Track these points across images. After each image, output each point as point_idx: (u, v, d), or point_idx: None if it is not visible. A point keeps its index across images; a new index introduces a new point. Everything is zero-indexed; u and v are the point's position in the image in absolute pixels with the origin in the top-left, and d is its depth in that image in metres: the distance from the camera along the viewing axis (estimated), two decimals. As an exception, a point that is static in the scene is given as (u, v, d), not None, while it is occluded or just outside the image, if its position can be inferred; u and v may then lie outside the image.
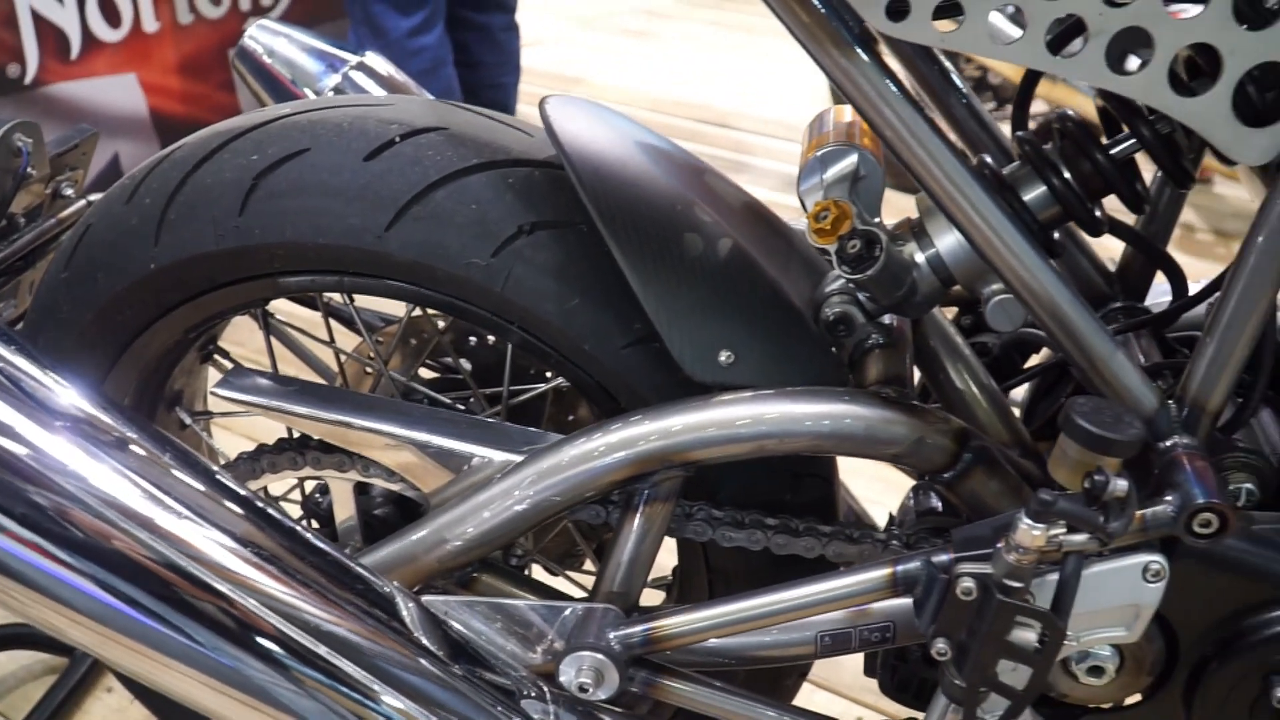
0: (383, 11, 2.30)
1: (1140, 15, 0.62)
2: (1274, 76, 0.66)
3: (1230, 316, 0.69)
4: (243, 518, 0.69)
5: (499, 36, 2.63)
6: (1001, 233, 0.69)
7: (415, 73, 2.32)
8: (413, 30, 2.31)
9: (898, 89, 0.66)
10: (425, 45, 2.33)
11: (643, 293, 0.76)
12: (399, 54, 2.30)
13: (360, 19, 2.35)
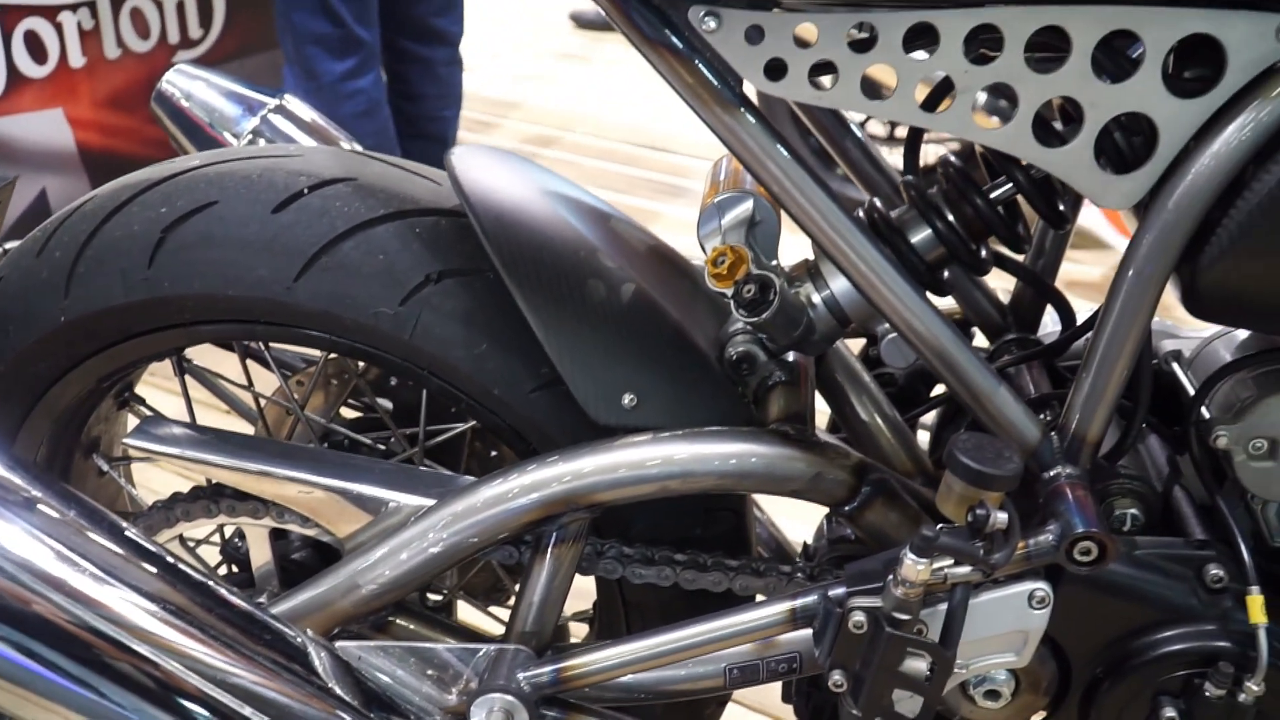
0: (316, 55, 2.30)
1: (1002, 72, 0.66)
2: (1135, 126, 0.70)
3: (1104, 350, 0.72)
4: (150, 574, 0.70)
5: (441, 70, 2.62)
6: (884, 278, 0.72)
7: (350, 115, 2.32)
8: (347, 74, 2.31)
9: (780, 144, 0.69)
10: (360, 89, 2.33)
11: (546, 339, 0.78)
12: (333, 97, 2.30)
13: (294, 60, 2.35)
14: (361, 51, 2.34)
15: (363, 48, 2.34)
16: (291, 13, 2.30)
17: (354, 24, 2.31)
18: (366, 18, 2.35)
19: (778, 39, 0.65)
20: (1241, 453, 0.78)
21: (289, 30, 2.32)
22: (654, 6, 0.66)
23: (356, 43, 2.33)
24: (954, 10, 0.65)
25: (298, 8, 2.29)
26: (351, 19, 2.31)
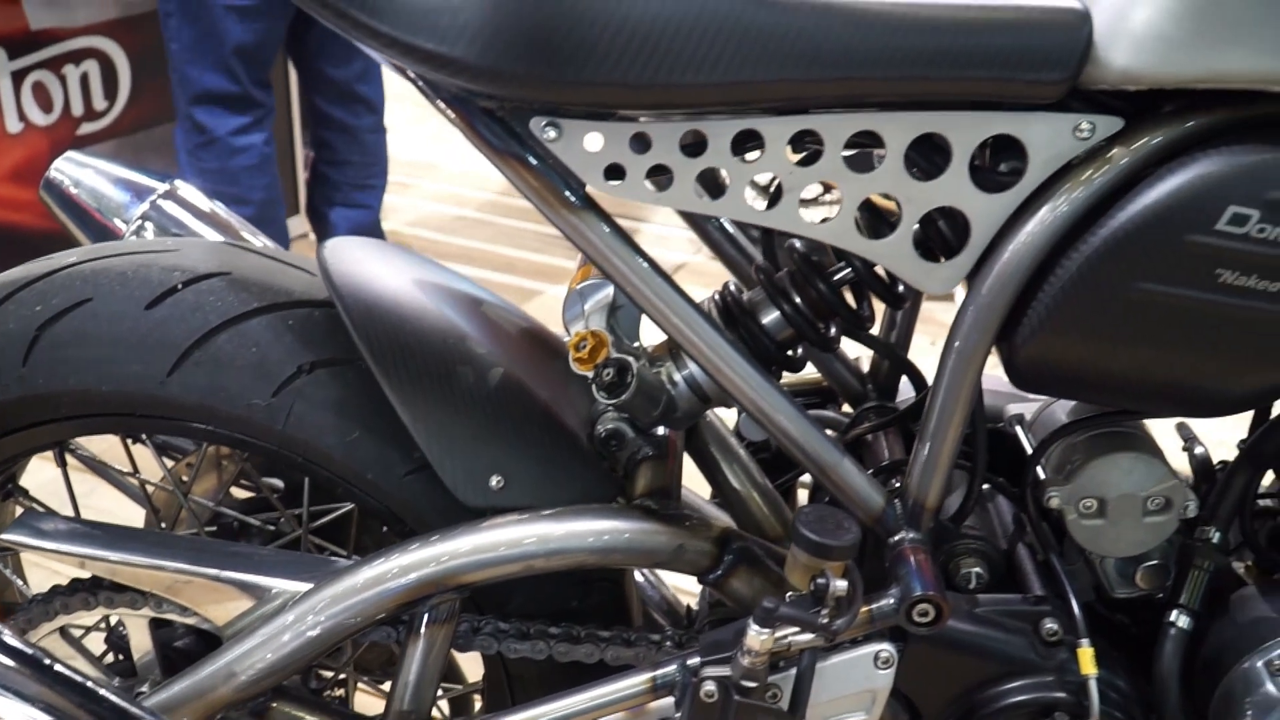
0: (210, 111, 2.31)
1: (825, 173, 0.71)
2: (950, 218, 0.75)
3: (936, 420, 0.77)
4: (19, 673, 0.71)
5: (366, 138, 2.63)
6: (729, 364, 0.77)
7: (241, 168, 2.33)
8: (239, 129, 2.32)
9: (624, 242, 0.74)
10: (251, 143, 2.34)
11: (413, 426, 0.81)
12: (224, 151, 2.31)
13: (185, 116, 2.36)
14: (257, 111, 2.35)
15: (258, 107, 2.35)
16: (188, 68, 2.29)
17: (250, 84, 2.32)
18: (263, 79, 2.36)
19: (615, 145, 0.70)
20: (1073, 511, 0.84)
21: (184, 85, 2.32)
22: (498, 119, 0.70)
23: (252, 102, 2.34)
24: (777, 118, 0.70)
25: (192, 63, 2.29)
26: (248, 79, 2.32)
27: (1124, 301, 0.70)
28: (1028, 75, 0.67)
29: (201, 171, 2.33)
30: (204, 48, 2.25)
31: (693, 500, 1.05)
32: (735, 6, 0.64)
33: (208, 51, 2.25)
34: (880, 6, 0.66)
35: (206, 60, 2.27)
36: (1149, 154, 0.69)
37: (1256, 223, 0.67)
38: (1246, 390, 0.75)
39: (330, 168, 2.63)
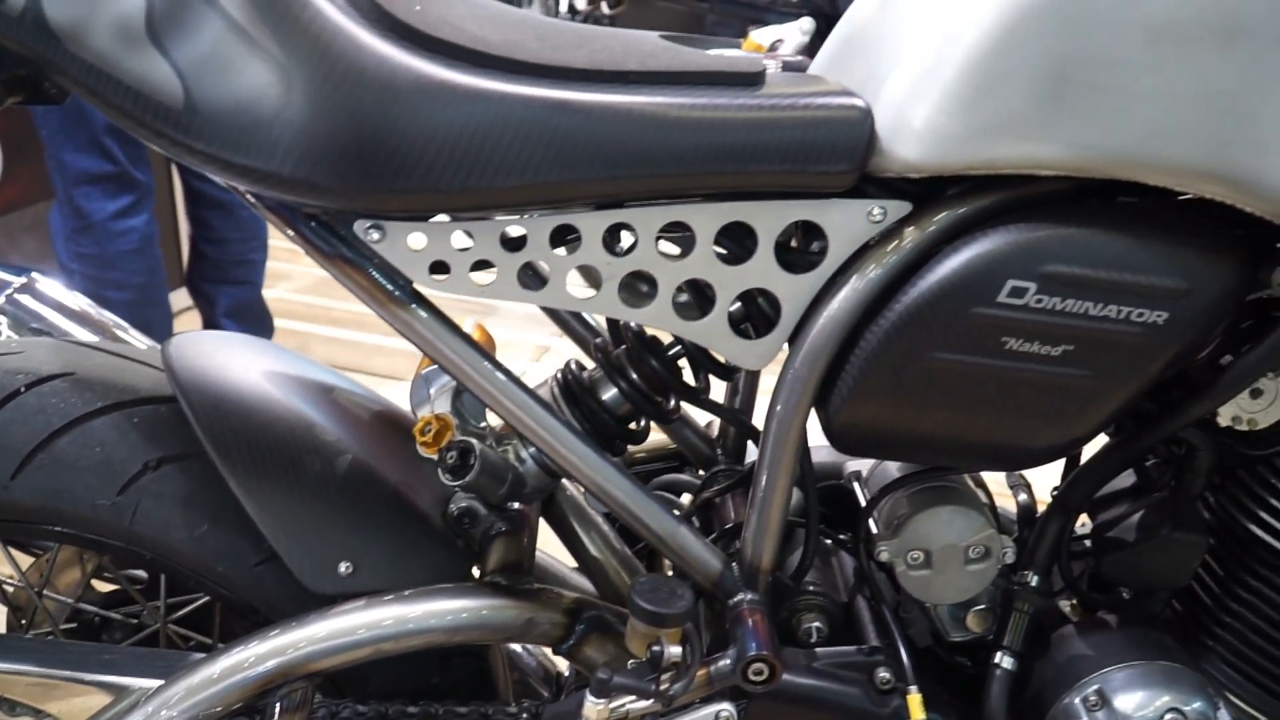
0: (88, 193, 2.29)
1: (641, 261, 0.76)
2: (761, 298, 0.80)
3: (765, 484, 0.81)
4: None
5: (242, 214, 2.60)
6: (563, 443, 0.80)
7: (121, 252, 2.31)
8: (118, 212, 2.30)
9: (454, 333, 0.77)
10: (132, 226, 2.32)
11: (259, 517, 0.83)
12: (103, 235, 2.28)
13: (64, 200, 2.32)
14: (136, 191, 2.32)
15: (137, 187, 2.32)
16: (63, 152, 2.26)
17: (129, 164, 2.30)
18: (142, 158, 2.34)
19: (438, 243, 0.73)
20: (902, 563, 0.89)
21: (60, 169, 2.28)
22: (322, 223, 0.73)
23: (131, 183, 2.31)
24: (591, 213, 0.74)
25: (69, 146, 2.25)
26: (126, 159, 2.29)
27: (922, 369, 0.76)
28: (818, 167, 0.73)
29: (79, 256, 2.29)
30: (74, 129, 2.22)
31: (555, 569, 1.08)
32: (541, 114, 0.69)
33: (78, 133, 2.23)
34: (680, 108, 0.71)
35: (79, 142, 2.24)
36: (937, 234, 0.75)
37: (1034, 294, 0.73)
38: (1044, 445, 0.80)
39: (209, 245, 2.61)
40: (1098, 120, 0.69)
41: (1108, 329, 0.74)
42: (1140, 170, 0.70)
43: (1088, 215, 0.73)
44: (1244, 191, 0.69)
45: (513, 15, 0.78)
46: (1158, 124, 0.68)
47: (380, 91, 0.66)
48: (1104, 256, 0.72)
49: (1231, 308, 0.75)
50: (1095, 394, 0.76)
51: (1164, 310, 0.73)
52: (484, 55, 0.69)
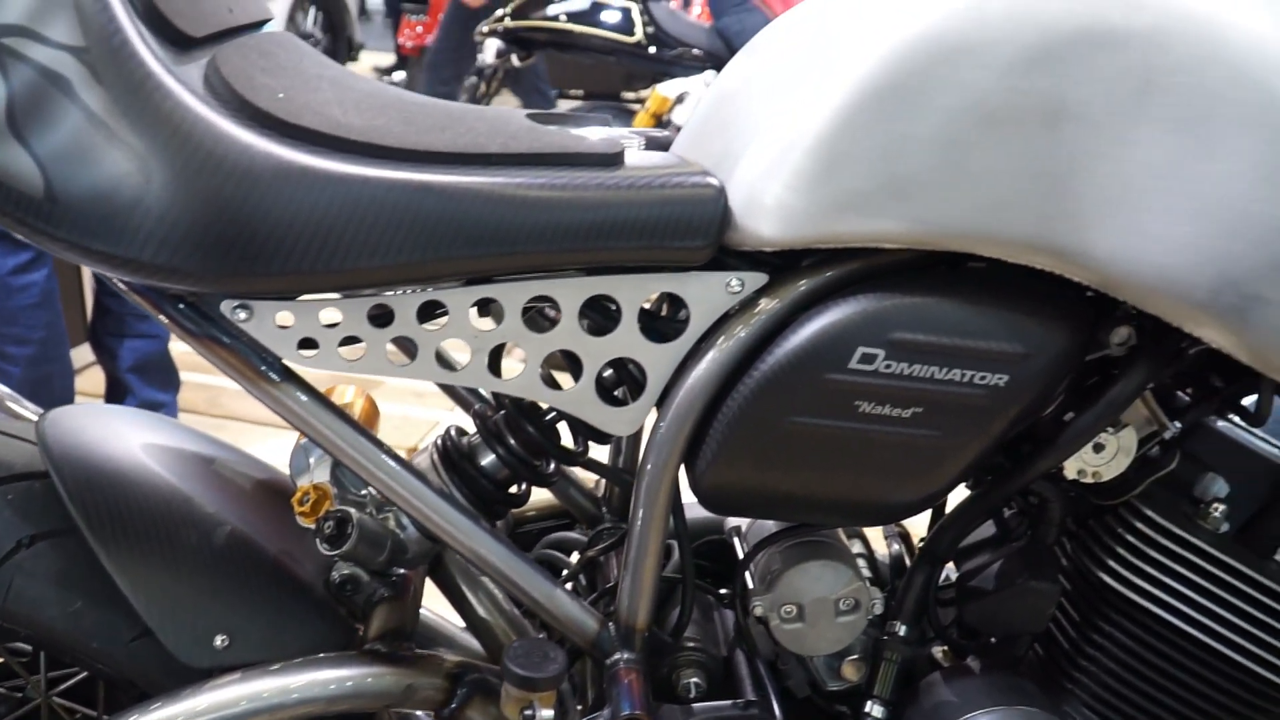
0: None
1: (508, 334, 0.78)
2: (627, 366, 0.83)
3: (636, 544, 0.84)
4: None
5: None
6: (437, 511, 0.82)
7: (22, 307, 2.27)
8: (18, 268, 2.26)
9: (324, 406, 0.79)
10: (32, 281, 2.28)
11: (132, 593, 0.83)
12: (3, 290, 2.24)
13: None
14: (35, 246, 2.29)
15: None
16: None
17: None
18: None
19: (306, 321, 0.75)
20: (775, 617, 0.92)
21: None
22: (190, 304, 0.75)
23: None
24: (458, 289, 0.77)
25: None
26: None
27: (782, 432, 0.79)
28: (675, 243, 0.76)
29: None
30: (-32, 186, 2.19)
31: (444, 630, 1.09)
32: (402, 197, 0.71)
33: (-26, 189, 2.19)
34: (541, 189, 0.74)
35: None
36: (792, 303, 0.78)
37: (883, 360, 0.77)
38: (902, 500, 0.84)
39: (111, 299, 2.57)
40: (933, 197, 0.73)
41: (953, 392, 0.78)
42: (973, 243, 0.75)
43: (932, 284, 0.78)
44: (1068, 263, 0.74)
45: (382, 98, 0.80)
46: (988, 201, 0.73)
47: (240, 178, 0.68)
48: (947, 323, 0.77)
49: (1068, 369, 0.80)
50: (945, 452, 0.80)
51: (1004, 373, 0.78)
52: (346, 140, 0.71)
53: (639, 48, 2.90)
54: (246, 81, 0.71)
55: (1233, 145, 0.69)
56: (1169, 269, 0.71)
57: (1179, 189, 0.70)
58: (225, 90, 0.70)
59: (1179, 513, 0.88)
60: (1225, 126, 0.69)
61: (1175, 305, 0.72)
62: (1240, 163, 0.69)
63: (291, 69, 0.78)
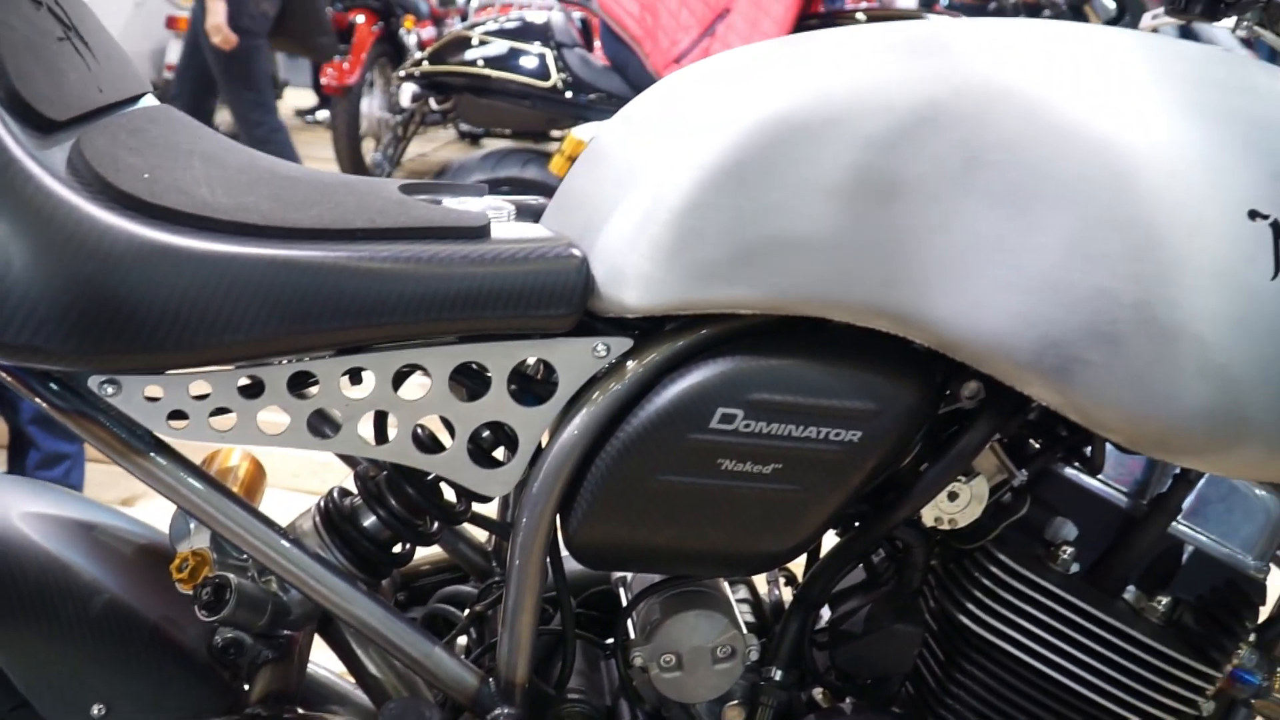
0: None
1: (379, 402, 0.81)
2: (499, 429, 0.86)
3: (514, 599, 0.86)
4: None
5: None
6: (313, 575, 0.84)
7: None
8: None
9: (196, 477, 0.80)
10: None
11: (8, 665, 0.83)
12: None
13: None
14: None
15: None
16: None
17: None
18: None
19: (175, 394, 0.77)
20: (655, 666, 0.94)
21: None
22: (58, 380, 0.76)
23: None
24: (328, 359, 0.79)
25: None
26: None
27: (649, 490, 0.82)
28: (540, 312, 0.79)
29: None
30: None
31: (337, 687, 1.10)
32: (267, 273, 0.73)
33: None
34: (406, 262, 0.76)
35: None
36: (656, 366, 0.82)
37: (743, 420, 0.81)
38: (769, 551, 0.88)
39: None
40: (781, 266, 0.77)
41: (810, 448, 0.82)
42: (821, 308, 0.79)
43: (788, 346, 0.82)
44: (909, 326, 0.78)
45: (254, 172, 0.82)
46: (833, 269, 0.77)
47: (102, 260, 0.69)
48: (802, 384, 0.81)
49: (919, 423, 0.84)
50: (806, 505, 0.84)
51: (858, 430, 0.82)
52: (211, 220, 0.73)
53: (555, 92, 2.95)
54: (111, 163, 0.73)
55: (1049, 219, 0.74)
56: (997, 333, 0.76)
57: (1003, 259, 0.75)
58: (88, 173, 0.72)
59: (1031, 556, 0.93)
60: (1043, 201, 0.74)
61: (1005, 366, 0.77)
62: (1056, 235, 0.74)
63: (162, 145, 0.80)
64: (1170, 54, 0.80)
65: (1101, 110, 0.74)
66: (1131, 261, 0.72)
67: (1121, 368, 0.74)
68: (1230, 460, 0.76)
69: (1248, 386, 0.72)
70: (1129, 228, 0.73)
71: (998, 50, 0.79)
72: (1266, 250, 0.72)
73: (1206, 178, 0.73)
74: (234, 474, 0.96)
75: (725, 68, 0.85)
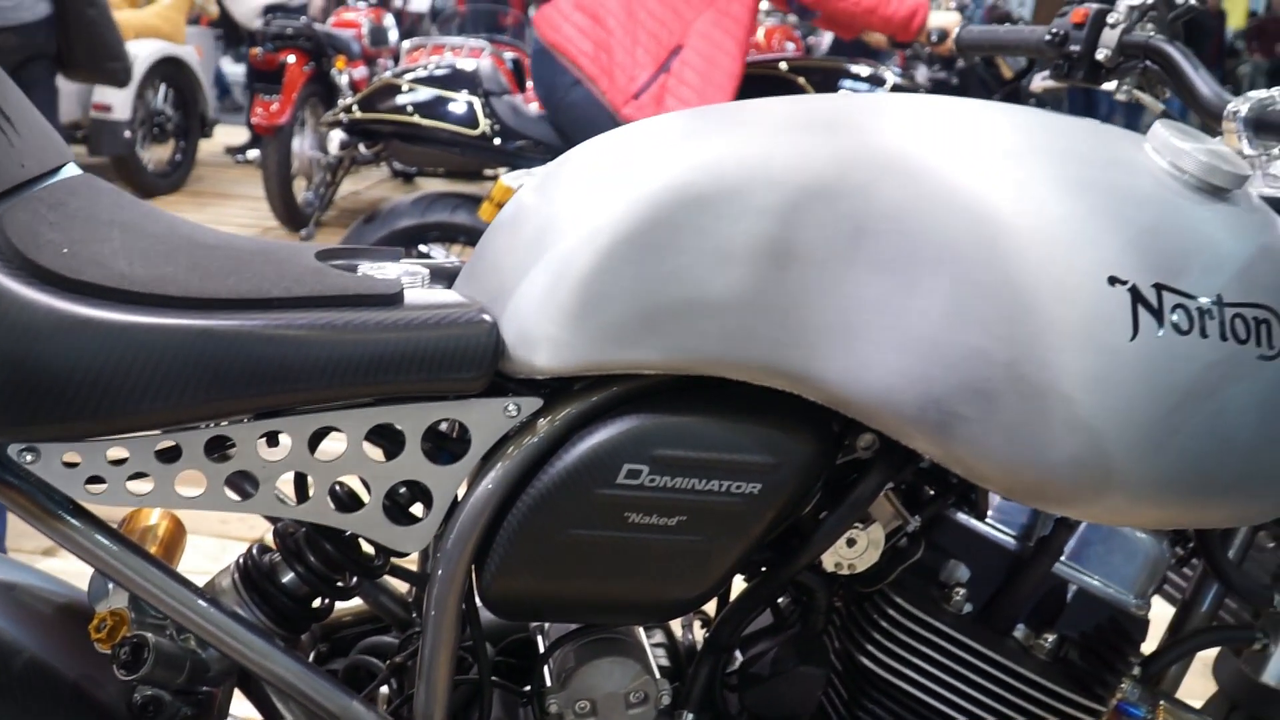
0: None
1: (296, 463, 0.83)
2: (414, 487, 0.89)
3: (429, 650, 0.89)
4: None
5: None
6: (230, 633, 0.86)
7: None
8: None
9: (116, 541, 0.82)
10: None
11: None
12: None
13: None
14: None
15: None
16: None
17: None
18: None
19: (93, 460, 0.79)
20: (570, 714, 0.97)
21: None
22: (-24, 448, 0.77)
23: None
24: (246, 424, 0.82)
25: None
26: None
27: (559, 544, 0.86)
28: (451, 375, 0.82)
29: None
30: None
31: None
32: (184, 343, 0.76)
33: None
34: (321, 329, 0.79)
35: None
36: (565, 424, 0.86)
37: (648, 475, 0.85)
38: (677, 600, 0.91)
39: None
40: (683, 329, 0.82)
41: (713, 501, 0.86)
42: (720, 368, 0.83)
43: (690, 404, 0.86)
44: (802, 385, 0.83)
45: (172, 242, 0.85)
46: (730, 331, 0.82)
47: (21, 333, 0.72)
48: (704, 439, 0.85)
49: (817, 474, 0.89)
50: (711, 555, 0.88)
51: (758, 482, 0.86)
52: (128, 292, 0.76)
53: (483, 139, 2.99)
54: (32, 240, 0.75)
55: (930, 284, 0.79)
56: (884, 391, 0.81)
57: (888, 322, 0.80)
58: (9, 249, 0.74)
59: (926, 597, 0.98)
60: (924, 267, 0.80)
61: (892, 421, 0.82)
62: (935, 299, 0.79)
63: (83, 218, 0.83)
64: (1046, 129, 0.87)
65: (978, 183, 0.80)
66: (1003, 324, 0.78)
67: (996, 423, 0.79)
68: (1097, 508, 0.82)
69: (1110, 440, 0.78)
70: (1001, 293, 0.78)
71: (888, 127, 0.84)
72: (1125, 313, 0.78)
73: (1070, 246, 0.79)
74: (153, 533, 0.98)
75: (636, 136, 0.90)
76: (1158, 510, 0.82)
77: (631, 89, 2.68)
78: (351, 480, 0.86)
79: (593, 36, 2.72)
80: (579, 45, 2.74)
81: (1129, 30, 1.17)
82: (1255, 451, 0.82)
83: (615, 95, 2.71)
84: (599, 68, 2.72)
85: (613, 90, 2.71)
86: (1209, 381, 0.79)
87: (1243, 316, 0.80)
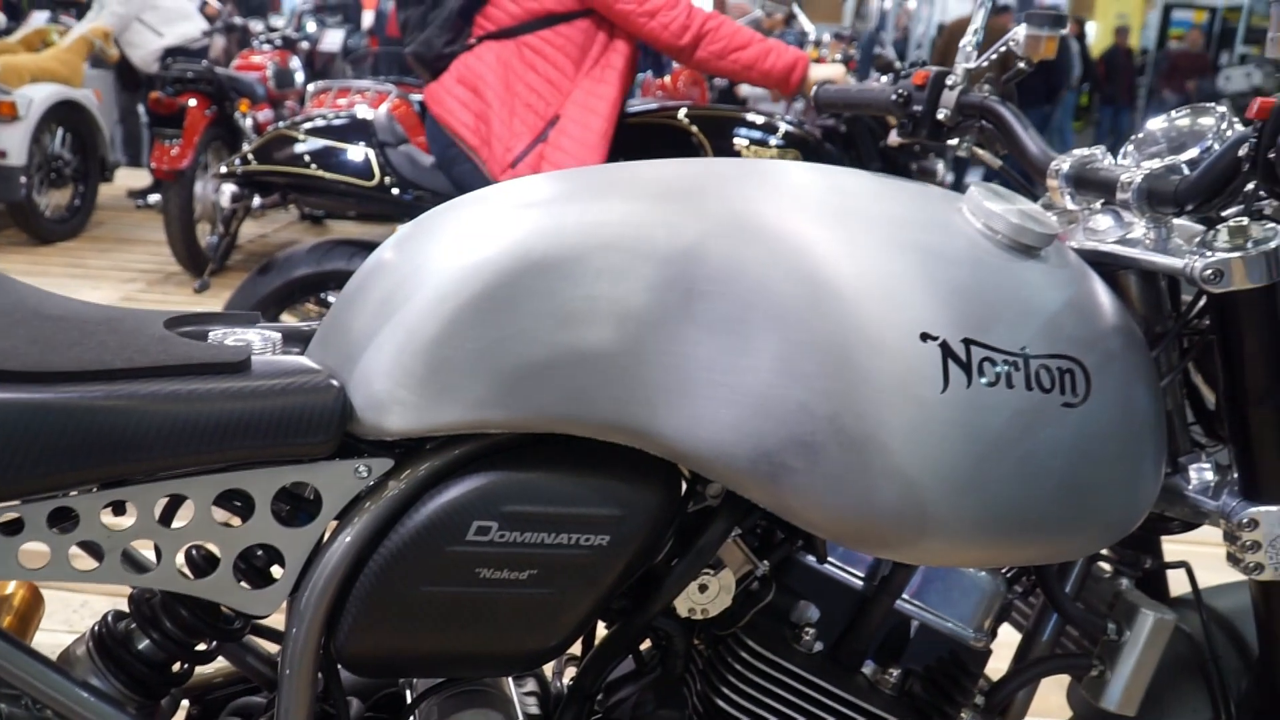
0: None
1: (141, 531, 0.84)
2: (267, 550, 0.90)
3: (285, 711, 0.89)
4: None
5: None
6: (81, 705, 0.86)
7: None
8: None
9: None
10: None
11: None
12: None
13: None
14: None
15: None
16: None
17: None
18: None
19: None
20: (452, 759, 0.99)
21: None
22: None
23: None
24: (90, 494, 0.82)
25: None
26: None
27: (412, 601, 0.87)
28: (299, 440, 0.84)
29: None
30: None
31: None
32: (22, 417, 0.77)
33: None
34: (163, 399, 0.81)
35: None
36: (416, 483, 0.88)
37: (497, 531, 0.87)
38: (533, 650, 0.93)
39: None
40: (526, 389, 0.85)
41: (562, 554, 0.89)
42: (563, 425, 0.87)
43: (538, 459, 0.89)
44: (643, 440, 0.87)
45: (16, 315, 0.86)
46: (571, 390, 0.85)
47: None
48: (551, 494, 0.88)
49: (665, 524, 0.93)
50: (564, 607, 0.91)
51: (605, 534, 0.89)
52: (-37, 369, 0.76)
53: (380, 190, 3.00)
54: None
55: (758, 342, 0.84)
56: (719, 444, 0.85)
57: (720, 379, 0.84)
58: None
59: (778, 639, 1.01)
60: (752, 326, 0.84)
61: (727, 473, 0.86)
62: (763, 356, 0.84)
63: (-76, 291, 0.83)
64: (870, 193, 0.93)
65: (803, 245, 0.85)
66: (825, 379, 0.83)
67: (820, 473, 0.83)
68: (918, 550, 0.86)
69: (925, 487, 0.83)
70: (823, 350, 0.83)
71: (727, 193, 0.89)
72: (936, 367, 0.83)
73: (885, 304, 0.84)
74: (7, 604, 0.97)
75: (492, 199, 0.93)
76: (977, 550, 0.88)
77: (508, 159, 2.74)
78: (206, 543, 0.87)
79: (473, 109, 2.79)
80: (460, 117, 2.80)
81: (966, 91, 1.24)
82: (1065, 492, 0.87)
83: (494, 165, 2.77)
84: (479, 138, 2.79)
85: (492, 160, 2.77)
86: (1016, 429, 0.85)
87: (1047, 367, 0.86)
